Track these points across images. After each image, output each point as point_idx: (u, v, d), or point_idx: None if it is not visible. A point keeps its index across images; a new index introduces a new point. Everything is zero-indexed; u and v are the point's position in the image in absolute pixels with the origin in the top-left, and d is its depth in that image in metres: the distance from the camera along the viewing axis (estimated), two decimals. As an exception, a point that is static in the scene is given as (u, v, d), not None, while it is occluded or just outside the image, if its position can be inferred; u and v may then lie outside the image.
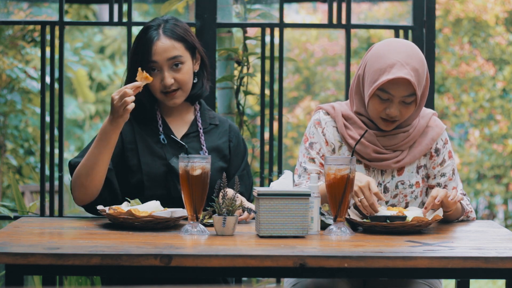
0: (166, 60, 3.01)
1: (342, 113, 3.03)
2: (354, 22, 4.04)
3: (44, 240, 2.53)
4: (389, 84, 2.85)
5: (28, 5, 6.93)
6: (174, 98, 3.03)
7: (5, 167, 6.49)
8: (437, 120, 3.07)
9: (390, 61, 2.86)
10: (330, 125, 3.04)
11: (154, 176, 3.00)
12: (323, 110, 3.08)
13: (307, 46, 9.53)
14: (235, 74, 4.10)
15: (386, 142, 2.98)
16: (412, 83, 2.85)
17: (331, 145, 3.03)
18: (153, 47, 3.00)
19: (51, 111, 3.94)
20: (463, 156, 8.53)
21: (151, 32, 3.03)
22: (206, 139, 3.10)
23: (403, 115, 2.92)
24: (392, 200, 3.00)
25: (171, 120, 3.11)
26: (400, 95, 2.87)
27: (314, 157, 3.01)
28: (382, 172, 3.00)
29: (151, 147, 3.02)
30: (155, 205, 2.82)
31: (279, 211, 2.60)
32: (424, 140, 3.01)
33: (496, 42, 8.63)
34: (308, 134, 3.06)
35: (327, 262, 2.31)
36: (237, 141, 3.16)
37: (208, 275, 2.35)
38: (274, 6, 4.38)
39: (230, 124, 3.18)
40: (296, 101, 9.42)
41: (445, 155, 3.04)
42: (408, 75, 2.83)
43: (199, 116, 3.13)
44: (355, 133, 2.98)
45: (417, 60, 2.88)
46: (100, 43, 10.42)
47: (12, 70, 6.35)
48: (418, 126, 3.01)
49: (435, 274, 2.41)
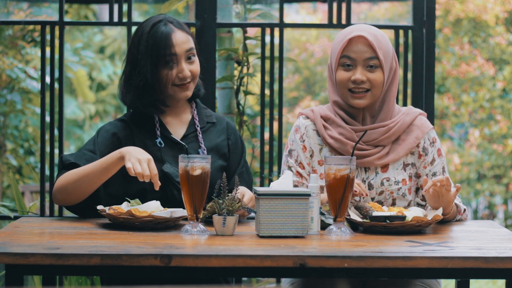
0: (185, 51, 3.01)
1: (321, 114, 3.06)
2: (354, 22, 4.04)
3: (44, 240, 2.53)
4: (349, 47, 2.95)
5: (28, 5, 6.93)
6: (187, 90, 3.04)
7: (5, 167, 6.50)
8: (423, 119, 3.07)
9: (347, 31, 3.00)
10: (310, 128, 3.07)
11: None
12: (303, 115, 3.12)
13: (307, 46, 9.53)
14: (235, 74, 4.10)
15: (366, 137, 2.99)
16: (370, 43, 2.93)
17: (309, 151, 3.05)
18: (172, 39, 2.99)
19: (51, 111, 3.94)
20: (463, 156, 8.53)
21: (162, 26, 3.01)
22: (204, 138, 3.09)
23: (371, 82, 2.96)
24: (378, 197, 3.00)
25: (168, 121, 3.10)
26: (361, 58, 2.95)
27: (292, 165, 3.05)
28: (366, 169, 3.01)
29: (150, 151, 3.01)
30: (155, 205, 2.81)
31: (279, 211, 2.60)
32: (408, 137, 3.02)
33: (496, 42, 8.63)
34: (289, 141, 3.10)
35: (327, 262, 2.31)
36: (235, 138, 3.15)
37: (208, 275, 2.35)
38: (274, 6, 4.38)
39: (227, 122, 3.17)
40: (296, 101, 9.42)
41: (434, 154, 3.04)
42: (365, 34, 2.94)
43: (196, 114, 3.13)
44: (335, 133, 3.00)
45: (376, 30, 3.00)
46: (100, 43, 10.42)
47: (12, 70, 6.35)
48: (401, 121, 3.02)
49: (435, 274, 2.41)
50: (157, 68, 2.99)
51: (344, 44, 2.95)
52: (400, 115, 3.03)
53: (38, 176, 5.78)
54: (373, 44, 2.93)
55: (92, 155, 2.98)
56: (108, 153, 2.94)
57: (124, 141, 3.03)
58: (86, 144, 3.04)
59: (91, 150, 3.00)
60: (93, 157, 2.97)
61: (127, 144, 3.02)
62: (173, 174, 2.97)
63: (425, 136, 3.04)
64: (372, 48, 2.94)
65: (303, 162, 3.04)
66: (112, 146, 3.01)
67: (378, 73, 2.96)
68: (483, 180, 8.59)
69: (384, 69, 2.95)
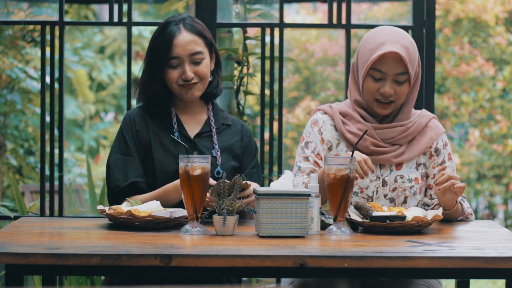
0: (188, 55, 3.02)
1: (339, 110, 3.08)
2: (354, 22, 4.05)
3: (44, 240, 2.53)
4: (380, 61, 2.94)
5: (28, 5, 6.93)
6: (192, 90, 3.05)
7: (5, 167, 6.49)
8: (436, 122, 3.12)
9: (380, 40, 2.95)
10: (328, 123, 3.09)
11: (166, 173, 3.01)
12: (321, 110, 3.14)
13: (307, 46, 9.52)
14: (235, 74, 4.10)
15: (384, 135, 3.02)
16: (403, 59, 2.92)
17: (327, 143, 3.06)
18: (174, 41, 3.01)
19: (51, 111, 3.94)
20: (463, 156, 8.53)
21: (172, 27, 3.04)
22: (219, 139, 3.11)
23: (398, 95, 2.98)
24: (391, 193, 3.02)
25: (185, 119, 3.13)
26: (392, 72, 2.94)
27: (308, 155, 3.05)
28: (381, 166, 3.02)
29: (165, 144, 3.05)
30: (155, 205, 2.82)
31: (279, 211, 2.60)
32: (423, 138, 3.05)
33: (496, 42, 8.62)
34: (305, 134, 3.11)
35: (327, 262, 2.31)
36: (248, 140, 3.17)
37: (208, 275, 2.35)
38: (274, 6, 4.38)
39: (242, 124, 3.20)
40: (296, 101, 9.42)
41: (445, 156, 3.07)
42: (398, 50, 2.92)
43: (212, 116, 3.14)
44: (353, 128, 3.02)
45: (407, 39, 2.98)
46: (100, 43, 10.41)
47: (12, 70, 6.35)
48: (417, 122, 3.06)
49: (435, 274, 2.41)
50: (162, 68, 3.02)
51: (376, 57, 2.93)
52: (416, 116, 3.08)
53: (38, 176, 5.78)
54: (406, 60, 2.93)
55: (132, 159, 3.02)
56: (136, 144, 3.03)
57: (141, 133, 3.06)
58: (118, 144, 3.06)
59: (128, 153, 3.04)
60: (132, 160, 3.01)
61: (144, 136, 3.05)
62: None
63: (438, 138, 3.09)
64: (404, 64, 2.95)
65: (321, 153, 3.06)
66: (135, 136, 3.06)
67: (405, 86, 2.98)
68: (483, 180, 8.58)
69: (411, 81, 2.98)
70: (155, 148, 3.04)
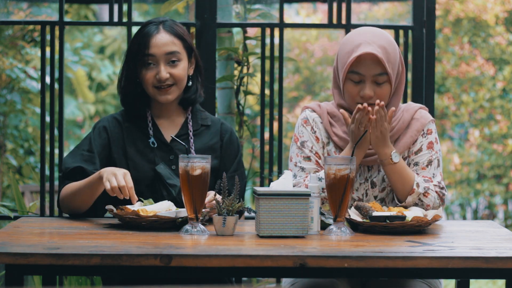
0: (164, 54, 3.01)
1: (327, 110, 3.05)
2: (354, 22, 4.04)
3: (44, 240, 2.53)
4: (357, 63, 2.90)
5: (28, 5, 6.93)
6: (167, 94, 3.03)
7: (5, 167, 6.49)
8: (422, 112, 3.05)
9: (356, 42, 2.92)
10: (318, 121, 3.06)
11: (141, 180, 3.00)
12: (310, 108, 3.10)
13: (307, 46, 9.53)
14: (235, 74, 4.10)
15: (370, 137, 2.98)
16: (380, 59, 2.89)
17: (321, 142, 3.04)
18: (151, 40, 3.01)
19: (51, 111, 3.94)
20: (463, 156, 8.53)
21: (150, 26, 3.04)
22: (197, 141, 3.08)
23: (379, 96, 2.93)
24: (380, 194, 3.00)
25: (161, 122, 3.10)
26: (370, 73, 2.91)
27: (309, 155, 3.02)
28: (369, 168, 3.00)
29: (140, 150, 3.02)
30: (167, 205, 2.81)
31: (279, 211, 2.60)
32: (408, 132, 3.01)
33: (496, 42, 8.63)
34: (298, 134, 3.06)
35: (327, 262, 2.31)
36: (228, 140, 3.13)
37: (208, 275, 2.35)
38: (274, 6, 4.38)
39: (222, 123, 3.15)
40: (296, 101, 9.42)
41: (423, 145, 3.01)
42: (374, 50, 2.88)
43: (190, 118, 3.12)
44: (339, 130, 3.00)
45: (384, 39, 2.93)
46: (100, 43, 10.42)
47: (12, 70, 6.35)
48: (401, 119, 3.02)
49: (435, 274, 2.41)
50: (137, 68, 3.02)
51: (353, 60, 2.90)
52: (399, 113, 3.03)
53: (38, 176, 5.78)
54: (383, 60, 2.89)
55: (89, 154, 3.00)
56: (103, 150, 3.01)
57: (112, 139, 3.04)
58: (83, 142, 3.05)
59: (88, 149, 3.03)
60: (91, 157, 2.99)
61: (115, 144, 3.03)
62: (165, 176, 2.98)
63: (425, 128, 3.03)
64: (382, 64, 2.91)
65: (319, 152, 3.03)
66: (105, 143, 3.05)
67: (386, 87, 2.94)
68: (483, 180, 8.58)
69: (392, 81, 2.94)
70: (131, 154, 3.03)
